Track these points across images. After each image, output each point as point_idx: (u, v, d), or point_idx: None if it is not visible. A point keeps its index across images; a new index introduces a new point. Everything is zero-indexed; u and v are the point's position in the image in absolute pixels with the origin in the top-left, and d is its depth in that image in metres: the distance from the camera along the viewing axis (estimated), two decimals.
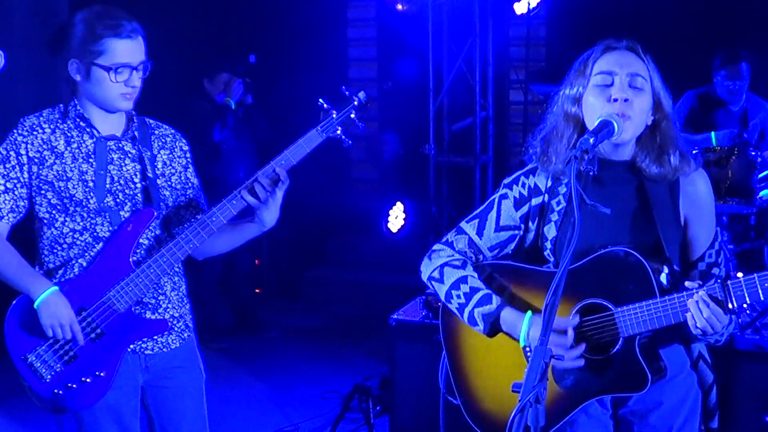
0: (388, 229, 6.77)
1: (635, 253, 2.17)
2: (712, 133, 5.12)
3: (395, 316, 4.31)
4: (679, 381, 2.30)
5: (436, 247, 2.46)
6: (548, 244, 2.33)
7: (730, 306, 2.06)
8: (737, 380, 3.74)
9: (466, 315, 2.32)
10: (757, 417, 3.73)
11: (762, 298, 2.06)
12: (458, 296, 2.33)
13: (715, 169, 4.86)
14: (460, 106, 6.32)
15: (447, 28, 6.11)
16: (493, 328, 2.28)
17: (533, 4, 6.15)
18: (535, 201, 2.35)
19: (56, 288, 2.51)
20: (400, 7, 6.42)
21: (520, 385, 1.72)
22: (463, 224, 2.45)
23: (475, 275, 2.35)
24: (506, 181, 2.42)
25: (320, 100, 2.61)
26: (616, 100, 2.17)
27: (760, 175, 4.85)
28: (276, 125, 6.15)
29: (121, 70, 2.49)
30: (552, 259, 2.34)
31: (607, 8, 6.13)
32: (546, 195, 2.34)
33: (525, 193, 2.36)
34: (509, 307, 2.26)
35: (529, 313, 2.22)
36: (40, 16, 6.37)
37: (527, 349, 2.23)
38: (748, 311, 4.05)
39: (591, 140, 2.03)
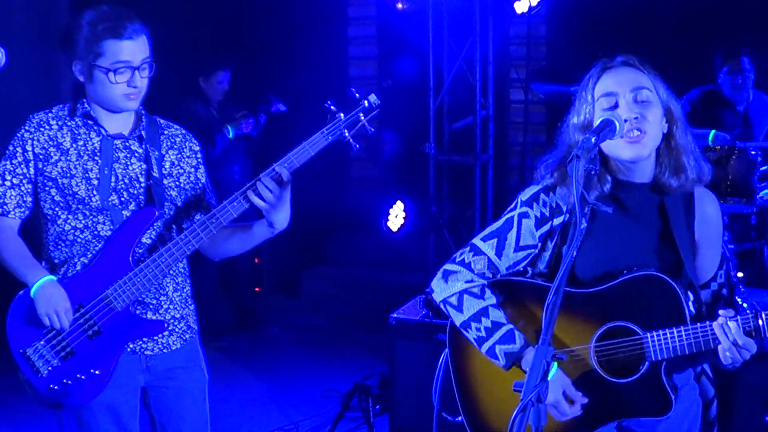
0: (388, 227, 6.76)
1: (667, 279, 2.15)
2: (712, 132, 5.07)
3: (395, 315, 4.31)
4: (684, 393, 2.29)
5: (451, 267, 2.36)
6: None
7: (763, 337, 2.06)
8: (737, 380, 3.73)
9: (485, 348, 2.26)
10: (757, 417, 3.72)
11: None
12: (478, 329, 2.26)
13: (716, 168, 4.80)
14: (460, 105, 6.30)
15: (447, 27, 6.10)
16: (513, 365, 2.22)
17: (534, 3, 6.13)
18: (557, 221, 2.29)
19: (53, 278, 2.52)
20: (400, 5, 6.40)
21: (522, 384, 1.71)
22: (478, 243, 2.35)
23: (494, 301, 2.28)
24: (524, 198, 2.33)
25: (328, 102, 2.53)
26: (626, 120, 2.13)
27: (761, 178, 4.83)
28: (275, 123, 6.13)
29: (122, 70, 2.48)
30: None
31: (608, 7, 6.11)
32: (568, 214, 2.28)
33: (547, 212, 2.29)
34: (533, 348, 2.18)
35: (555, 365, 2.17)
36: (40, 14, 6.37)
37: None
38: None
39: (593, 139, 2.00)
